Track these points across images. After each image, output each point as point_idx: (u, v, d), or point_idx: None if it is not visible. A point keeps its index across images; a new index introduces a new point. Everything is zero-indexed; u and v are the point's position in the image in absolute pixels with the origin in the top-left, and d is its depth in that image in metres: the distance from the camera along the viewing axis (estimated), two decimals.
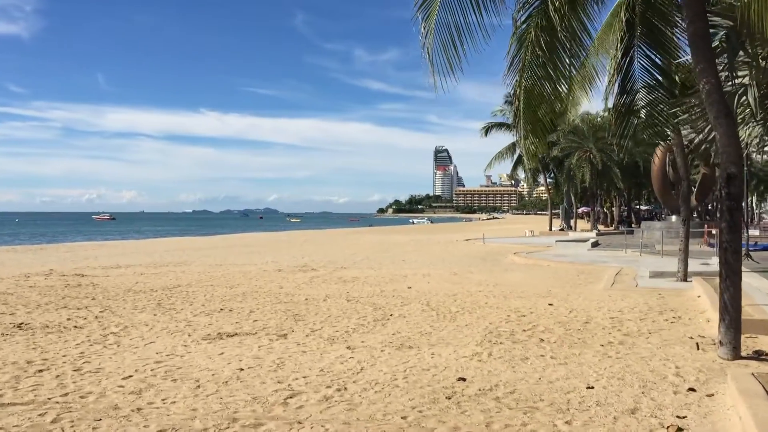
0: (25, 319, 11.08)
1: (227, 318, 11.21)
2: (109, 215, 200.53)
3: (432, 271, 20.79)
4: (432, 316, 11.31)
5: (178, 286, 16.26)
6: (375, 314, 11.52)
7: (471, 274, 19.91)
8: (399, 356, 8.16)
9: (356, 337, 9.46)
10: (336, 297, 13.99)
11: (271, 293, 14.73)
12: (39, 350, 8.63)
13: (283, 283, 17.04)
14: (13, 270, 21.77)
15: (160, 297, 14.12)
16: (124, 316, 11.54)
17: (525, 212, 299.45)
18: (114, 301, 13.45)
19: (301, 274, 19.59)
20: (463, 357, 8.09)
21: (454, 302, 13.04)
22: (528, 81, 9.05)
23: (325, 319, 11.07)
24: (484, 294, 14.38)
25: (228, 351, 8.53)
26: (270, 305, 12.79)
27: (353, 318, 11.12)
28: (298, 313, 11.74)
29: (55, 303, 13.14)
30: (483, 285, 16.33)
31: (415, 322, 10.68)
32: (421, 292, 14.72)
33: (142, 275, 19.36)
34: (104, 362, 7.94)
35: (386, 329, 10.04)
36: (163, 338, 9.45)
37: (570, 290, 15.22)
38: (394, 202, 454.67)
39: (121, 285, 16.51)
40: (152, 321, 10.94)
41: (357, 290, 15.25)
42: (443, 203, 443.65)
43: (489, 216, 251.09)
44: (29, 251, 37.39)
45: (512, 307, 12.32)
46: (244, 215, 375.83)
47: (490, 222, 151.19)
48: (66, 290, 15.32)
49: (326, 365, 7.72)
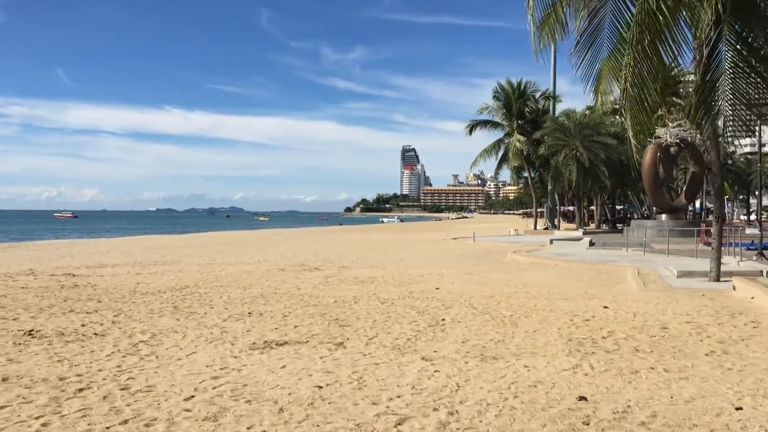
0: (32, 325, 9.82)
1: (263, 323, 10.07)
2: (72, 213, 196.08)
3: (443, 270, 19.81)
4: (488, 320, 10.31)
5: (185, 287, 15.02)
6: (424, 318, 10.48)
7: (486, 273, 18.99)
8: (490, 369, 7.14)
9: (423, 345, 8.42)
10: (365, 299, 12.92)
11: (292, 295, 13.59)
12: (66, 363, 7.43)
13: (296, 283, 15.90)
14: None
15: (173, 299, 12.89)
16: (143, 321, 10.33)
17: (493, 212, 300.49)
18: (123, 304, 12.20)
19: (309, 274, 18.46)
20: (563, 370, 7.10)
21: (498, 304, 12.06)
22: (635, 60, 8.10)
23: (372, 324, 10.00)
24: (521, 295, 13.43)
25: (289, 363, 7.42)
26: (300, 308, 11.67)
27: (403, 323, 10.07)
28: (337, 317, 10.65)
29: (59, 306, 11.84)
30: (511, 285, 15.40)
31: (475, 327, 9.66)
32: (454, 294, 13.72)
33: (138, 275, 18.03)
34: (151, 378, 6.79)
35: (449, 336, 9.00)
36: (205, 348, 8.29)
37: (605, 291, 14.37)
38: (361, 201, 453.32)
39: (122, 286, 15.22)
40: (179, 327, 9.76)
41: (383, 291, 14.19)
42: (411, 202, 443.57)
43: (458, 215, 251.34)
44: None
45: (565, 310, 11.38)
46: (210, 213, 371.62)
47: (461, 221, 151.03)
48: (64, 292, 13.99)
49: (414, 381, 6.67)
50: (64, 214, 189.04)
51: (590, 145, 46.74)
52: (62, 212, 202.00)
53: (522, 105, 51.36)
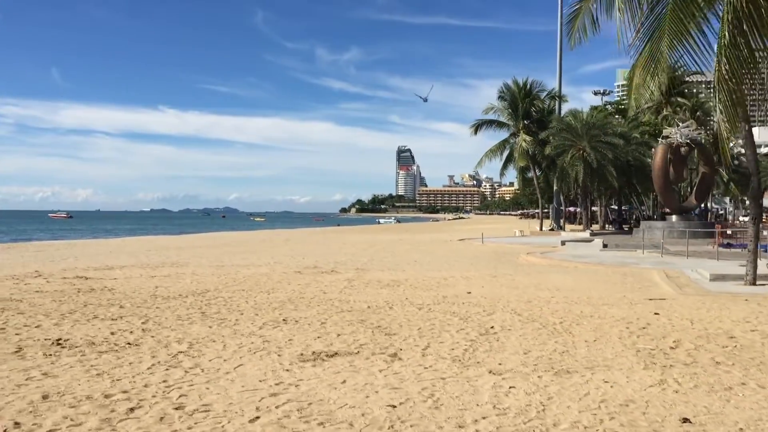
0: (58, 334, 9.23)
1: (303, 332, 9.49)
2: (66, 213, 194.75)
3: (465, 273, 19.27)
4: (539, 328, 9.75)
5: (206, 291, 14.43)
6: (470, 326, 9.93)
7: (510, 276, 18.45)
8: (568, 385, 6.59)
9: (483, 356, 7.86)
10: (399, 304, 12.36)
11: (320, 300, 13.02)
12: (107, 377, 6.85)
13: (320, 287, 15.33)
14: None
15: (197, 304, 12.31)
16: (175, 328, 9.74)
17: (489, 212, 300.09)
18: (148, 310, 11.61)
19: (328, 277, 17.89)
20: (649, 386, 6.56)
21: (542, 310, 11.52)
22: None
23: (419, 332, 9.43)
24: (560, 300, 12.88)
25: (348, 378, 6.85)
26: (335, 315, 11.10)
27: (451, 331, 9.51)
28: (378, 324, 10.08)
29: (81, 312, 11.25)
30: (543, 289, 14.86)
31: (530, 336, 9.11)
32: (489, 298, 13.17)
33: (153, 278, 17.43)
34: (205, 395, 6.21)
35: (507, 346, 8.44)
36: (251, 359, 7.72)
37: (641, 295, 13.85)
38: (356, 202, 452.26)
39: (140, 290, 14.62)
40: (215, 335, 9.18)
41: (414, 296, 13.63)
42: (406, 203, 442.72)
43: (455, 216, 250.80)
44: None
45: (615, 316, 10.84)
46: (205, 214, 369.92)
47: (459, 222, 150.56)
48: (82, 296, 13.39)
49: (492, 399, 6.11)
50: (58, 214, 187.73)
51: (597, 145, 46.24)
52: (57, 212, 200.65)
53: (528, 105, 50.84)
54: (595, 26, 17.11)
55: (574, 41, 17.13)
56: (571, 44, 17.19)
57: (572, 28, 17.20)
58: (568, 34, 17.35)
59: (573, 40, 17.12)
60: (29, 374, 6.96)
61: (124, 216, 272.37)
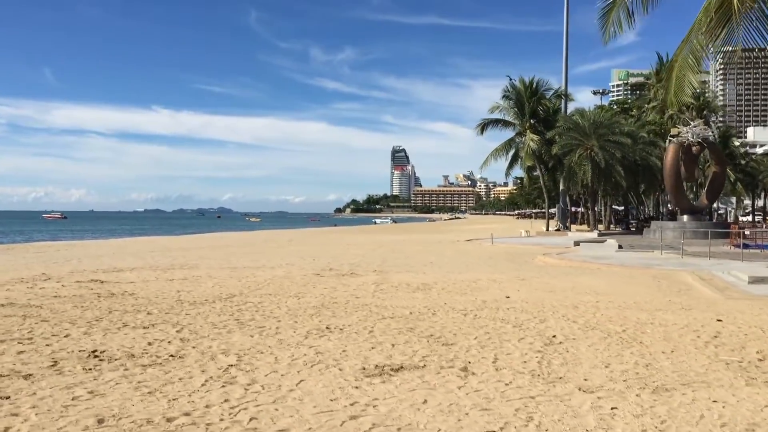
0: (91, 344, 8.57)
1: (353, 341, 8.85)
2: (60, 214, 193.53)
3: (491, 275, 18.65)
4: (604, 337, 9.14)
5: (231, 295, 13.78)
6: (529, 335, 9.31)
7: (538, 278, 17.87)
8: (676, 406, 5.99)
9: (562, 370, 7.24)
10: (441, 310, 11.73)
11: (355, 305, 12.38)
12: (161, 396, 6.20)
13: (348, 291, 14.70)
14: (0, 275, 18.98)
15: (228, 310, 11.66)
16: (214, 338, 9.09)
17: (484, 212, 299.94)
18: (177, 316, 10.96)
19: (352, 280, 17.26)
20: (765, 406, 5.94)
21: (595, 317, 10.92)
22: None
23: (477, 342, 8.81)
24: (606, 305, 12.28)
25: (428, 397, 6.22)
26: (378, 322, 10.46)
27: (512, 341, 8.89)
28: (431, 333, 9.45)
29: (108, 319, 10.58)
30: (581, 293, 14.27)
31: (600, 347, 8.49)
32: (531, 303, 12.56)
33: (170, 281, 16.76)
34: (278, 418, 5.58)
35: (582, 359, 7.82)
36: (310, 374, 7.08)
37: (686, 300, 13.30)
38: (351, 202, 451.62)
39: (162, 294, 13.96)
40: (260, 346, 8.53)
41: (452, 301, 13.01)
42: (401, 203, 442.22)
43: (451, 216, 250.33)
44: None
45: (676, 323, 10.25)
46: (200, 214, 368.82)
47: (456, 222, 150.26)
48: (103, 301, 12.72)
49: (600, 423, 5.50)
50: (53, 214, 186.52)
51: (606, 144, 45.71)
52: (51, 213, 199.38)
53: (535, 104, 50.29)
54: (630, 20, 16.56)
55: (608, 35, 16.56)
56: (605, 38, 16.60)
57: (606, 22, 16.61)
58: (601, 27, 16.77)
59: (607, 34, 16.55)
60: (74, 392, 6.31)
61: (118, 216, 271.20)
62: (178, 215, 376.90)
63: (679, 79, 15.35)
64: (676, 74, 15.56)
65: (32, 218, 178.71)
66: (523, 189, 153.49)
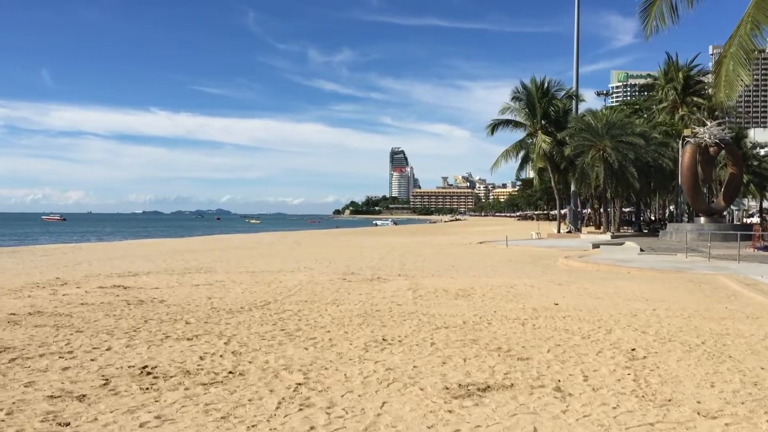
0: (137, 359, 7.93)
1: (420, 356, 8.21)
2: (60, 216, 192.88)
3: (524, 280, 18.04)
4: (687, 350, 8.52)
5: (267, 303, 13.13)
6: (604, 347, 8.69)
7: (576, 283, 17.27)
8: None
9: (666, 391, 6.60)
10: (495, 319, 11.10)
11: (401, 314, 11.73)
12: (238, 422, 5.58)
13: (385, 297, 14.06)
14: (13, 279, 18.34)
15: (269, 319, 11.02)
16: (268, 351, 8.45)
17: (483, 214, 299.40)
18: (218, 326, 10.32)
19: (383, 285, 16.62)
20: None
21: (661, 326, 10.33)
22: None
23: (554, 357, 8.18)
24: (667, 314, 11.66)
25: (536, 425, 5.59)
26: (434, 333, 9.83)
27: (590, 354, 8.27)
28: (499, 346, 8.81)
29: (146, 330, 9.94)
30: (631, 299, 13.66)
31: (690, 362, 7.86)
32: (585, 311, 11.94)
33: (197, 287, 16.11)
34: None
35: (681, 377, 7.19)
36: (390, 394, 6.45)
37: (741, 307, 12.68)
38: (350, 204, 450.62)
39: (193, 302, 13.32)
40: (320, 361, 7.90)
41: (501, 308, 12.38)
42: (400, 204, 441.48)
43: (451, 218, 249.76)
44: (1, 254, 33.42)
45: (756, 334, 9.66)
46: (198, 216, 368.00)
47: (458, 224, 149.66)
48: (134, 309, 12.07)
49: None
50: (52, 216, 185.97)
51: (619, 145, 45.11)
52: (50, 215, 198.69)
53: (547, 104, 49.67)
54: (673, 14, 16.00)
55: (650, 29, 16.04)
56: (647, 33, 16.08)
57: (648, 16, 16.08)
58: (642, 22, 16.24)
59: (649, 28, 16.04)
60: (139, 418, 5.67)
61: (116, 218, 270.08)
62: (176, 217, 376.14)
63: (729, 75, 14.79)
64: (725, 71, 14.99)
65: (31, 220, 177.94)
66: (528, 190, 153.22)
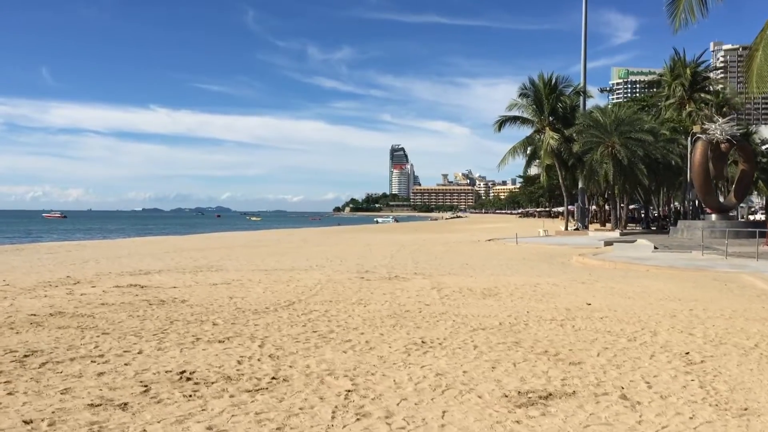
0: (175, 364, 7.57)
1: (467, 360, 7.86)
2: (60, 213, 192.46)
3: (546, 279, 17.72)
4: (742, 354, 8.18)
5: (291, 303, 12.78)
6: (655, 351, 8.36)
7: (599, 282, 16.95)
8: None
9: (740, 399, 6.26)
10: (531, 321, 10.76)
11: (433, 314, 11.38)
12: None
13: (410, 297, 13.71)
14: (23, 277, 18.01)
15: (298, 320, 10.67)
16: (306, 355, 8.10)
17: (484, 211, 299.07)
18: (246, 327, 9.98)
19: (404, 285, 16.27)
20: None
21: (705, 327, 10.01)
22: None
23: (607, 361, 7.83)
24: (707, 314, 11.32)
25: None
26: (473, 334, 9.49)
27: (642, 358, 7.93)
28: (545, 349, 8.46)
29: (175, 332, 9.59)
30: (662, 299, 13.33)
31: (753, 368, 7.51)
32: (621, 311, 11.61)
33: (214, 286, 15.77)
34: None
35: (745, 383, 6.86)
36: (448, 402, 6.11)
37: None
38: (350, 201, 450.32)
39: (214, 301, 12.97)
40: (363, 365, 7.56)
41: (533, 309, 12.04)
42: (400, 202, 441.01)
43: (452, 215, 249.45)
44: (6, 252, 33.16)
45: None
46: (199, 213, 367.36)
47: (460, 221, 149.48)
48: (157, 310, 11.72)
49: None
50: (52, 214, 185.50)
51: (628, 141, 44.73)
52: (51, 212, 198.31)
53: (555, 101, 49.27)
54: (702, 8, 15.67)
55: (678, 22, 15.71)
56: (675, 26, 15.76)
57: (676, 9, 15.74)
58: (670, 15, 15.92)
59: (678, 21, 15.70)
60: (189, 429, 5.34)
61: (117, 216, 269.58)
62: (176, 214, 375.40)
63: (761, 67, 14.45)
64: (757, 64, 14.65)
65: (32, 218, 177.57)
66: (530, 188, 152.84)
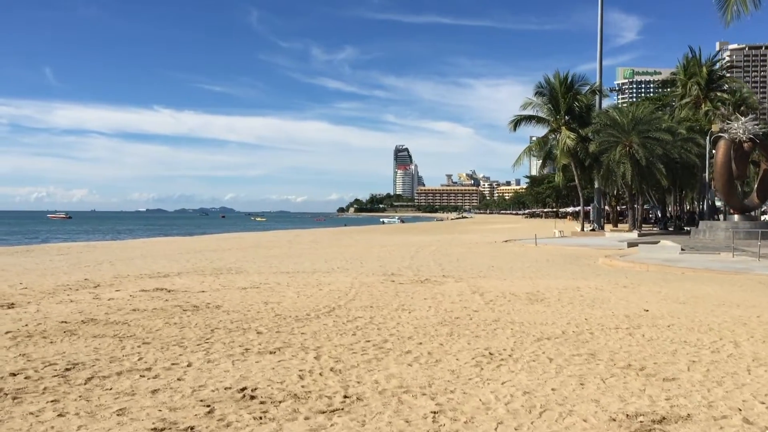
0: (232, 380, 6.93)
1: (546, 376, 7.20)
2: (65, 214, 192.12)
3: (584, 282, 17.06)
4: None
5: (331, 309, 12.13)
6: (749, 363, 7.69)
7: (640, 286, 16.28)
8: None
9: None
10: (595, 329, 10.09)
11: (486, 322, 10.72)
12: None
13: (459, 303, 13.05)
14: (40, 280, 17.46)
15: (343, 328, 10.03)
16: (370, 369, 7.44)
17: (489, 212, 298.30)
18: (293, 336, 9.35)
19: (439, 288, 15.64)
20: None
21: None
22: None
23: (703, 377, 7.15)
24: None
25: None
26: (538, 345, 8.83)
27: (739, 373, 7.25)
28: (628, 363, 7.78)
29: (219, 341, 8.95)
30: (717, 305, 12.65)
31: None
32: (684, 319, 10.94)
33: (244, 290, 15.14)
34: None
35: None
36: (550, 426, 5.44)
37: None
38: (354, 202, 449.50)
39: (249, 307, 12.33)
40: (437, 381, 6.90)
41: (590, 316, 11.38)
42: (404, 202, 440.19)
43: (458, 215, 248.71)
44: (17, 253, 32.57)
45: None
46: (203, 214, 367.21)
47: (467, 221, 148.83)
48: (191, 316, 11.08)
49: None
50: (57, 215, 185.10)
51: (646, 141, 43.98)
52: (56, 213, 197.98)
53: (571, 100, 48.53)
54: None
55: (730, 15, 15.02)
56: (727, 18, 15.07)
57: (728, 3, 15.07)
58: (721, 8, 15.25)
59: (729, 14, 15.02)
60: None
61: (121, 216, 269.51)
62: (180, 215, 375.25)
63: None
64: None
65: (37, 218, 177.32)
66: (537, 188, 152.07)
